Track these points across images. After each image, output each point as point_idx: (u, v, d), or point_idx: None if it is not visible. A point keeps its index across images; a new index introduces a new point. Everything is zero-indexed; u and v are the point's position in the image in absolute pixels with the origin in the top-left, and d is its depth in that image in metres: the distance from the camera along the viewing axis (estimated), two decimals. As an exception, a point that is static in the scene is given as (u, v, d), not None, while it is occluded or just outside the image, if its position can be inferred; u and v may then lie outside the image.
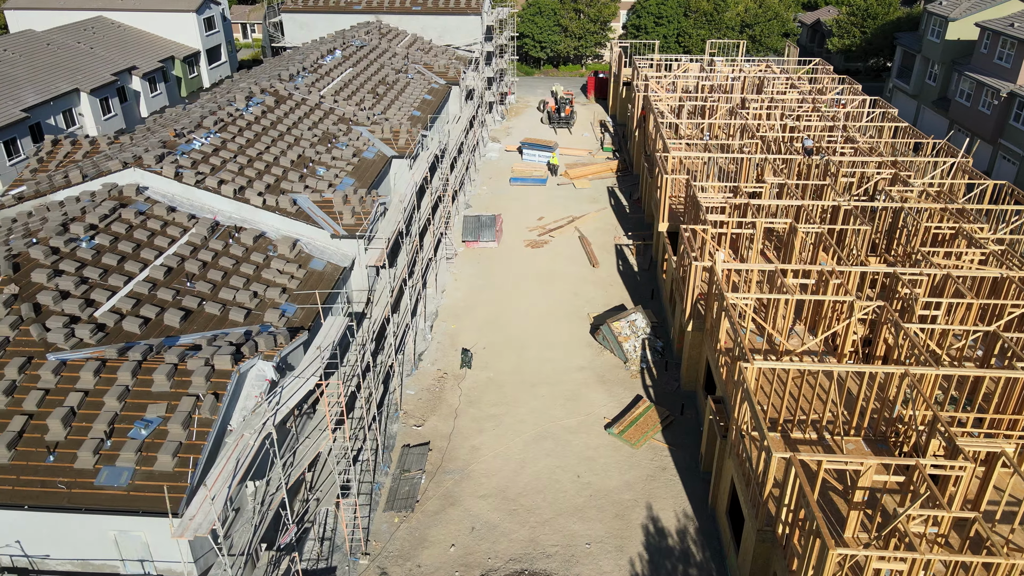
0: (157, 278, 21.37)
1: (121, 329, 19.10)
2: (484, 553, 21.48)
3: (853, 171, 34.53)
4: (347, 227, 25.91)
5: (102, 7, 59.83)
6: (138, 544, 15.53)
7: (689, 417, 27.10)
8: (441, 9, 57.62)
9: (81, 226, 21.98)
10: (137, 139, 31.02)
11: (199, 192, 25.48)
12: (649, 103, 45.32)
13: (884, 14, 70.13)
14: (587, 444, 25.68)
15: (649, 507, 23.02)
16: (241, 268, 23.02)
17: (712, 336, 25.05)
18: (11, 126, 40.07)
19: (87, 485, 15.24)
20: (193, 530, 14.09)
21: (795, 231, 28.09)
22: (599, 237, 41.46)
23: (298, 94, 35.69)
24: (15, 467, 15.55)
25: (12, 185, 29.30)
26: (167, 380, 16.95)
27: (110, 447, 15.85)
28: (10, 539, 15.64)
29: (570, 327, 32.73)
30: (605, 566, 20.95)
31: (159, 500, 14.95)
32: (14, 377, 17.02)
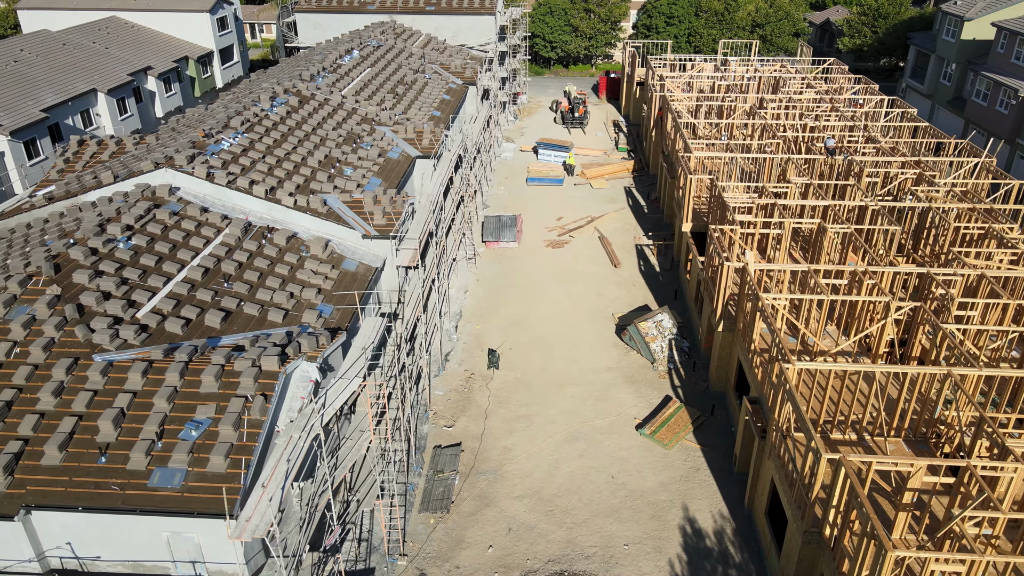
0: (195, 279, 21.35)
1: (163, 330, 19.08)
2: (522, 554, 21.45)
3: (877, 171, 34.47)
4: (378, 227, 25.91)
5: (115, 7, 59.81)
6: (191, 545, 15.51)
7: (720, 417, 27.07)
8: (455, 9, 57.62)
9: (118, 227, 21.97)
10: (163, 139, 31.00)
11: (231, 192, 25.47)
12: (667, 103, 45.26)
13: (895, 14, 70.05)
14: (619, 445, 25.65)
15: (685, 508, 22.99)
16: (276, 269, 23.01)
17: (745, 337, 25.01)
18: (31, 126, 40.03)
19: (140, 486, 15.22)
20: (251, 532, 14.07)
21: (824, 231, 28.05)
22: (619, 237, 41.43)
23: (320, 94, 35.67)
24: (67, 468, 15.53)
25: (39, 185, 29.31)
26: (215, 381, 16.92)
27: (161, 448, 15.83)
28: (61, 541, 15.61)
29: (595, 327, 32.69)
30: (645, 567, 20.92)
31: (214, 501, 14.93)
32: (62, 378, 16.99)
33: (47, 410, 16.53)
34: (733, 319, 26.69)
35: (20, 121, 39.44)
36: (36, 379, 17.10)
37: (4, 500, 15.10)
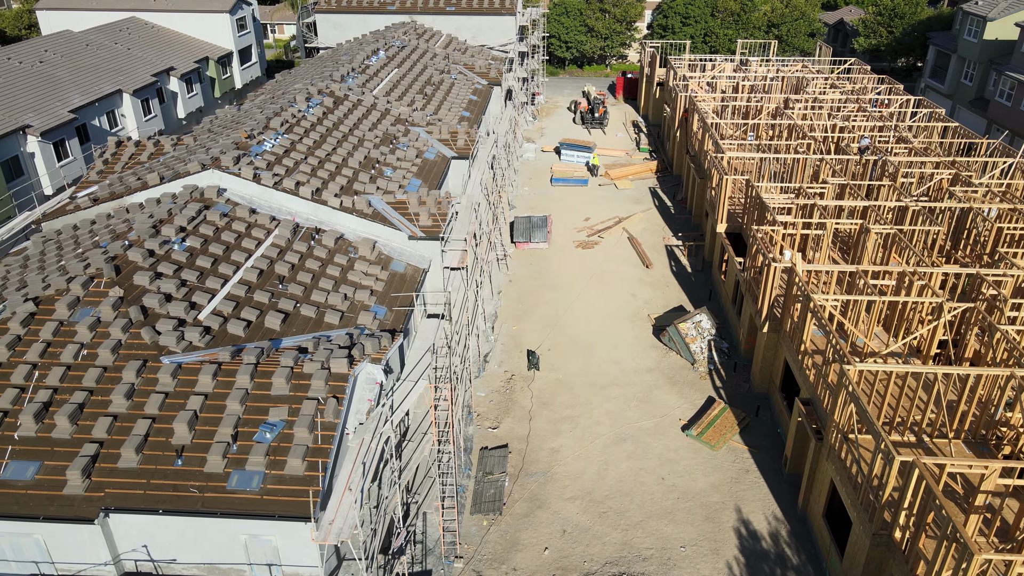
0: (251, 280, 21.31)
1: (226, 332, 19.04)
2: (579, 556, 21.41)
3: (912, 171, 34.43)
4: (424, 228, 25.86)
5: (135, 8, 59.72)
6: (268, 548, 15.46)
7: (764, 419, 27.03)
8: (475, 9, 57.55)
9: (172, 228, 21.91)
10: (202, 140, 30.94)
11: (277, 194, 25.42)
12: (693, 104, 45.22)
13: (911, 13, 69.98)
14: (666, 446, 25.60)
15: (738, 510, 22.94)
16: (328, 270, 22.97)
17: (794, 338, 24.96)
18: (60, 127, 39.96)
19: (219, 489, 15.17)
20: (336, 535, 14.03)
21: (867, 232, 28.01)
22: (647, 238, 41.38)
23: (353, 95, 35.62)
24: (144, 471, 15.49)
25: (79, 187, 29.24)
26: (286, 383, 16.88)
27: (237, 451, 15.79)
28: (138, 543, 15.57)
29: (632, 328, 32.65)
30: (703, 570, 20.88)
31: (293, 504, 14.88)
32: (132, 380, 16.95)
33: (120, 412, 16.49)
34: (778, 320, 26.64)
35: (50, 122, 39.38)
36: (106, 381, 17.06)
37: (83, 503, 15.05)
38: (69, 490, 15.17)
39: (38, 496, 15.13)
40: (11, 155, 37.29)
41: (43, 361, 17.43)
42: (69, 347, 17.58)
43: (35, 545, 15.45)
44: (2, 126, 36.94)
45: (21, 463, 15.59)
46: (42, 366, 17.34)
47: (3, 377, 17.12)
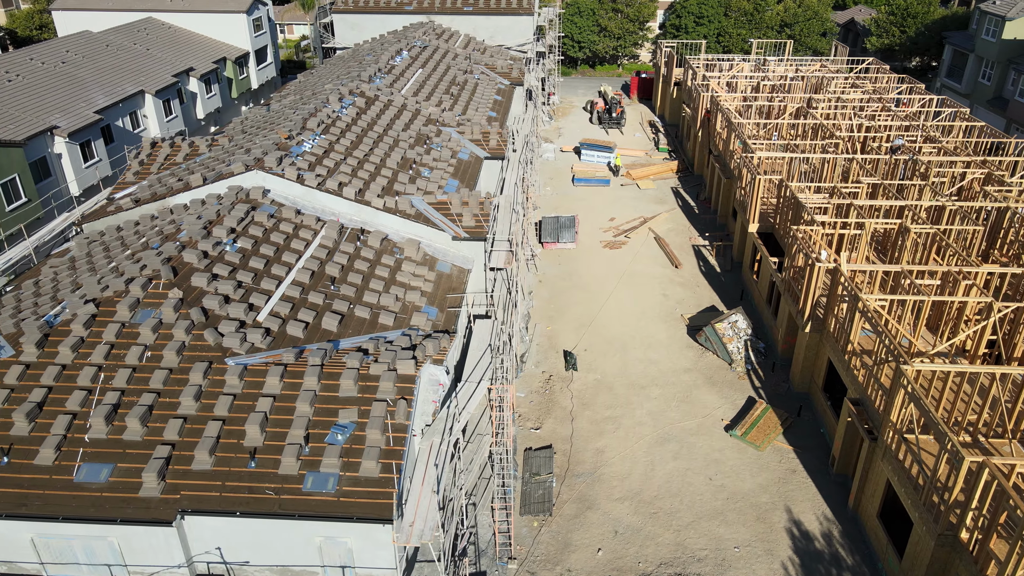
0: (303, 281, 21.26)
1: (285, 333, 19.00)
2: (633, 557, 21.39)
3: (943, 171, 34.43)
4: (468, 229, 25.82)
5: (151, 8, 59.61)
6: (342, 550, 15.41)
7: (806, 419, 27.01)
8: (492, 9, 57.47)
9: (223, 229, 21.86)
10: (238, 141, 30.88)
11: (320, 194, 25.38)
12: (717, 104, 45.21)
13: (924, 13, 70.01)
14: (711, 446, 25.59)
15: (788, 510, 22.93)
16: (376, 271, 22.93)
17: (839, 338, 24.94)
18: (85, 128, 39.85)
19: (295, 491, 15.13)
20: (417, 536, 13.99)
21: (907, 232, 28.00)
22: (673, 238, 41.36)
23: (383, 95, 35.57)
24: (218, 473, 15.44)
25: (116, 187, 29.18)
26: (353, 384, 16.84)
27: (309, 452, 15.74)
28: (211, 546, 15.52)
29: (666, 328, 32.63)
30: (759, 571, 20.86)
31: (371, 506, 14.85)
32: (199, 382, 16.90)
33: (189, 414, 16.44)
34: (820, 320, 26.61)
35: (77, 123, 39.29)
36: (172, 383, 17.02)
37: (159, 505, 15.00)
38: (145, 492, 15.12)
39: (113, 498, 15.08)
40: (39, 156, 37.19)
41: (108, 363, 17.38)
42: (133, 349, 17.53)
43: (109, 548, 15.40)
44: (31, 127, 36.85)
45: (94, 465, 15.54)
46: (107, 368, 17.29)
47: (70, 379, 17.06)
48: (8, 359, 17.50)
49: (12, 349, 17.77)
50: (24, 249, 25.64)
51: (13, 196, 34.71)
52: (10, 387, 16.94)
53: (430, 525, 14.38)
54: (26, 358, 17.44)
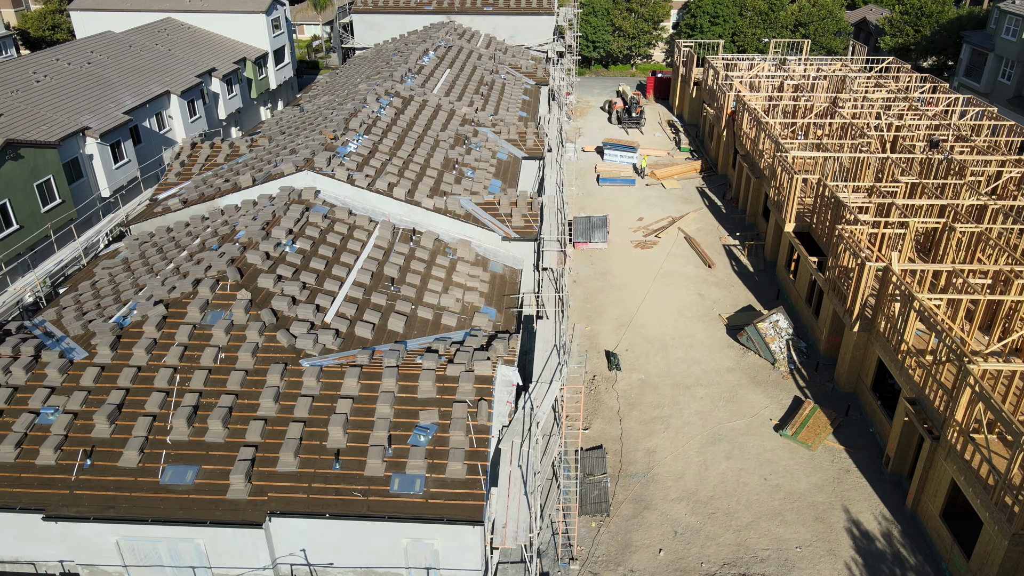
0: (364, 282, 21.21)
1: (354, 334, 18.95)
2: (695, 557, 21.37)
3: (979, 169, 34.47)
4: (517, 229, 25.78)
5: (169, 8, 59.48)
6: (428, 552, 15.37)
7: (854, 418, 27.01)
8: (512, 9, 57.43)
9: (281, 230, 21.80)
10: (279, 141, 30.79)
11: (370, 195, 25.33)
12: (743, 104, 45.20)
13: (938, 12, 70.07)
14: (762, 446, 25.58)
15: (846, 510, 22.92)
16: (433, 272, 22.88)
17: (891, 337, 24.92)
18: (115, 129, 39.73)
19: (382, 493, 15.09)
20: (512, 538, 13.96)
21: (951, 231, 28.02)
22: (703, 237, 41.35)
23: (417, 95, 35.52)
24: (304, 475, 15.39)
25: (159, 188, 29.11)
26: (432, 386, 16.79)
27: (393, 454, 15.70)
28: (297, 547, 15.46)
29: (705, 328, 32.61)
30: (823, 571, 20.85)
31: (459, 508, 14.81)
32: (277, 383, 16.85)
33: (270, 416, 16.38)
34: (868, 320, 26.60)
35: (108, 124, 39.18)
36: (249, 384, 16.96)
37: (247, 507, 14.94)
38: (232, 494, 15.06)
39: (201, 500, 15.02)
40: (71, 157, 37.07)
41: (183, 364, 17.32)
42: (207, 350, 17.47)
43: (194, 550, 15.34)
44: (64, 127, 36.74)
45: (178, 467, 15.48)
46: (182, 369, 17.23)
47: (146, 380, 17.00)
48: (82, 361, 17.43)
49: (85, 351, 17.70)
50: (74, 251, 25.56)
51: (48, 197, 34.58)
52: (87, 388, 16.88)
53: (523, 526, 14.34)
54: (100, 360, 17.37)
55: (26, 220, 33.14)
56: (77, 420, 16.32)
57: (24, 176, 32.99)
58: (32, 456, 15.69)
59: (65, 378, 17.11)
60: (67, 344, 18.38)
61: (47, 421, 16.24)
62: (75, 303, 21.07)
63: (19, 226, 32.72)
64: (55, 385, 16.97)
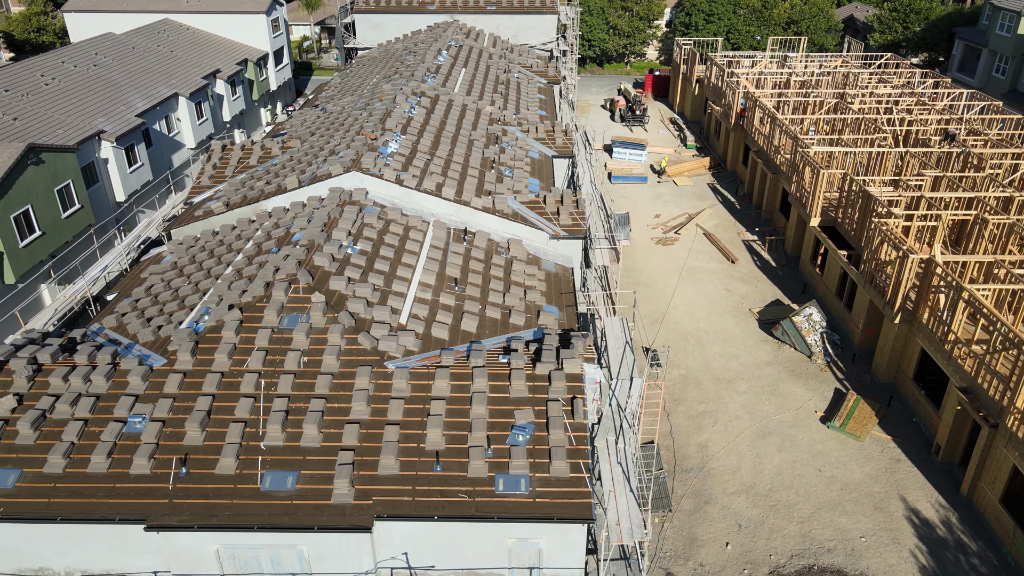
0: (428, 283, 21.07)
1: (431, 335, 18.83)
2: (762, 550, 21.55)
3: (999, 162, 35.17)
4: (566, 228, 25.78)
5: (166, 9, 58.55)
6: (532, 551, 15.32)
7: (895, 408, 27.41)
8: (516, 8, 57.39)
9: (342, 232, 21.59)
10: (313, 142, 30.45)
11: (418, 195, 25.18)
12: (755, 101, 45.64)
13: (927, 9, 71.31)
14: (812, 438, 25.87)
15: (903, 499, 23.27)
16: (491, 271, 22.80)
17: (937, 328, 25.30)
18: (129, 133, 39.02)
19: (488, 493, 15.01)
20: (628, 535, 13.97)
21: (984, 222, 28.55)
22: (721, 233, 41.70)
23: (442, 95, 35.37)
24: (406, 477, 15.26)
25: (192, 192, 28.70)
26: (524, 385, 16.74)
27: (493, 454, 15.62)
28: (398, 551, 15.32)
29: (737, 323, 32.90)
30: (890, 559, 21.15)
31: (567, 506, 14.79)
32: (366, 386, 16.68)
33: (363, 419, 16.21)
34: (910, 311, 27.01)
35: (122, 127, 38.50)
36: (338, 388, 16.76)
37: (353, 511, 14.76)
38: (337, 499, 14.88)
39: (305, 506, 14.82)
40: (87, 161, 36.35)
41: (267, 369, 17.08)
42: (290, 355, 17.23)
43: (297, 556, 15.14)
44: (79, 131, 36.03)
45: (277, 473, 15.26)
46: (267, 374, 16.99)
47: (231, 386, 16.73)
48: (163, 368, 17.11)
49: (163, 357, 17.38)
50: (118, 256, 25.07)
51: (68, 203, 33.88)
52: (172, 395, 16.56)
53: (636, 523, 14.36)
54: (182, 366, 17.05)
55: (48, 227, 32.45)
56: (166, 428, 16.01)
57: (45, 181, 32.29)
58: (125, 465, 15.36)
59: (148, 385, 16.78)
60: (139, 351, 18.05)
61: (135, 430, 15.92)
62: (133, 309, 20.68)
63: (42, 232, 32.03)
64: (138, 393, 16.63)
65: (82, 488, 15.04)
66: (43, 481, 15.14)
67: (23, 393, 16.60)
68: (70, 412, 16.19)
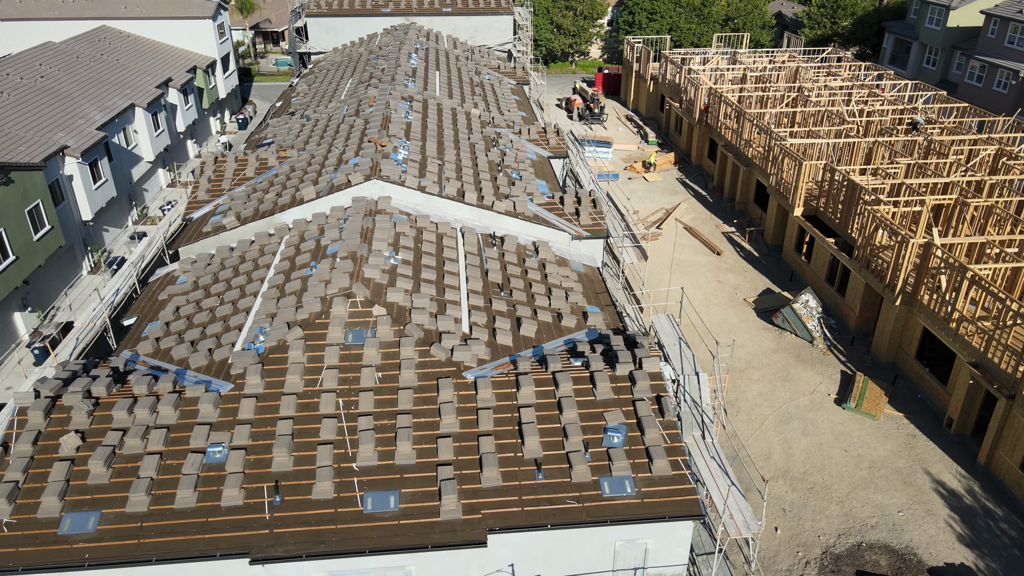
0: (476, 289, 20.81)
1: (496, 342, 18.60)
2: (810, 531, 22.22)
3: (960, 148, 37.28)
4: (587, 228, 25.90)
5: (104, 16, 55.61)
6: (639, 552, 15.36)
7: (899, 386, 28.72)
8: (472, 9, 57.19)
9: (382, 242, 21.08)
10: (313, 150, 29.53)
11: (440, 201, 24.85)
12: (720, 96, 46.92)
13: (853, 4, 74.84)
14: (831, 420, 26.83)
15: (927, 472, 24.42)
16: (529, 275, 22.70)
17: (940, 308, 26.61)
18: (92, 148, 36.90)
19: (595, 498, 14.95)
20: (744, 528, 14.19)
21: (965, 206, 30.25)
22: (700, 226, 42.69)
23: (430, 99, 34.95)
24: (511, 488, 15.03)
25: (190, 207, 27.44)
26: (608, 387, 16.74)
27: (592, 458, 15.57)
28: (505, 562, 15.09)
29: (736, 313, 33.76)
30: (929, 530, 22.16)
31: (674, 504, 14.89)
32: (450, 398, 16.34)
33: (454, 431, 15.86)
34: (910, 293, 28.34)
35: (85, 142, 36.38)
36: (420, 402, 16.36)
37: (465, 526, 14.43)
38: (445, 515, 14.52)
39: (414, 525, 14.41)
40: (51, 179, 34.20)
41: (342, 387, 16.50)
42: (364, 371, 16.71)
43: None
44: (43, 147, 33.86)
45: (378, 494, 14.78)
46: (343, 392, 16.42)
47: (310, 408, 16.10)
48: (231, 393, 16.30)
49: (228, 382, 16.56)
50: (128, 278, 23.70)
51: (39, 224, 31.83)
52: (248, 421, 15.79)
53: (749, 516, 14.59)
54: (252, 390, 16.28)
55: (20, 250, 30.42)
56: (249, 455, 15.27)
57: (16, 202, 30.27)
58: (215, 498, 14.57)
59: (219, 412, 15.96)
60: (196, 376, 17.16)
61: (216, 459, 15.12)
62: (166, 333, 19.62)
63: (15, 257, 29.99)
64: (211, 420, 15.80)
65: (172, 525, 14.19)
66: (127, 521, 14.21)
67: (85, 429, 15.53)
68: (142, 446, 15.24)
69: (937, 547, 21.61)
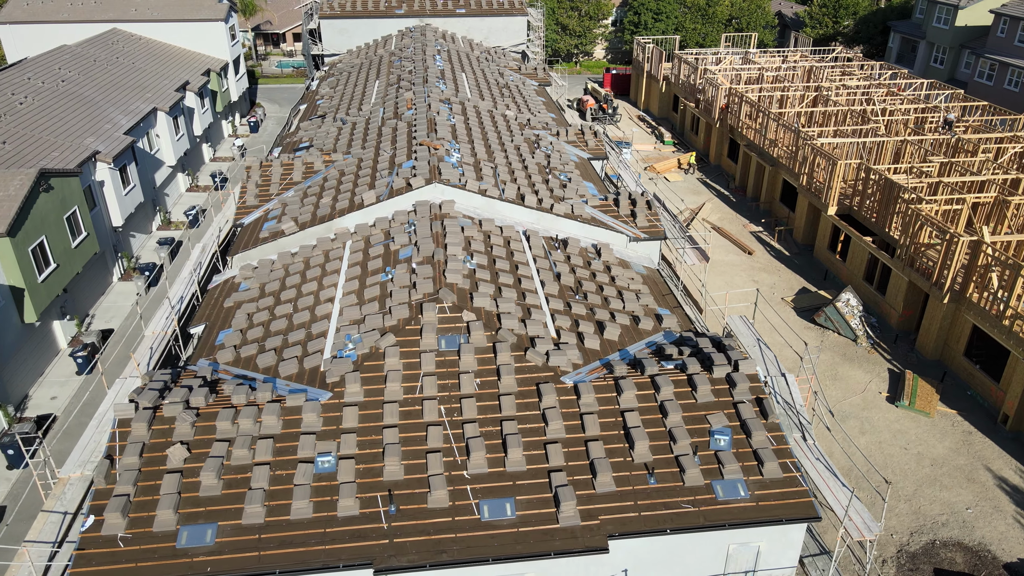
0: (552, 293, 20.72)
1: (584, 346, 18.51)
2: (883, 530, 22.29)
3: (990, 147, 37.65)
4: (644, 229, 25.90)
5: (114, 18, 54.95)
6: (750, 554, 15.33)
7: (947, 383, 28.93)
8: (485, 11, 57.05)
9: (456, 247, 20.93)
10: (355, 153, 29.29)
11: (500, 204, 24.74)
12: (740, 97, 47.09)
13: (854, 4, 75.48)
14: (886, 418, 26.97)
15: (988, 468, 24.61)
16: (597, 277, 22.65)
17: (991, 306, 26.83)
18: (122, 153, 36.40)
19: (710, 501, 14.91)
20: (866, 530, 14.19)
21: (1007, 203, 30.54)
22: (728, 226, 42.82)
23: (467, 102, 34.82)
24: (625, 493, 14.94)
25: (239, 212, 27.16)
26: (709, 390, 16.70)
27: (701, 461, 15.52)
28: (619, 568, 15.01)
29: (776, 312, 33.85)
30: (999, 527, 22.32)
31: (789, 507, 14.89)
32: (554, 403, 16.23)
33: (561, 437, 15.75)
34: (958, 291, 28.55)
35: (115, 147, 35.91)
36: (523, 408, 16.23)
37: (584, 532, 14.35)
38: (564, 522, 14.42)
39: (534, 532, 14.29)
40: (84, 185, 33.72)
41: (443, 395, 16.35)
42: (464, 377, 16.56)
43: (521, 586, 14.59)
44: (76, 152, 33.38)
45: (494, 501, 14.64)
46: (444, 400, 16.27)
47: (414, 415, 15.93)
48: (330, 402, 16.09)
49: (325, 391, 16.35)
50: (191, 285, 23.38)
51: (76, 231, 31.35)
52: (353, 430, 15.59)
53: (867, 517, 14.61)
54: (352, 398, 16.07)
55: (60, 258, 29.95)
56: (359, 464, 15.09)
57: (56, 209, 29.81)
58: (330, 508, 14.37)
59: (323, 421, 15.76)
60: (289, 385, 16.94)
61: (326, 469, 14.91)
62: (243, 342, 19.35)
63: (56, 264, 29.52)
64: (315, 430, 15.59)
65: (291, 537, 13.98)
66: (245, 533, 13.98)
67: (189, 440, 15.27)
68: (250, 456, 15.01)
69: (1009, 543, 21.78)
